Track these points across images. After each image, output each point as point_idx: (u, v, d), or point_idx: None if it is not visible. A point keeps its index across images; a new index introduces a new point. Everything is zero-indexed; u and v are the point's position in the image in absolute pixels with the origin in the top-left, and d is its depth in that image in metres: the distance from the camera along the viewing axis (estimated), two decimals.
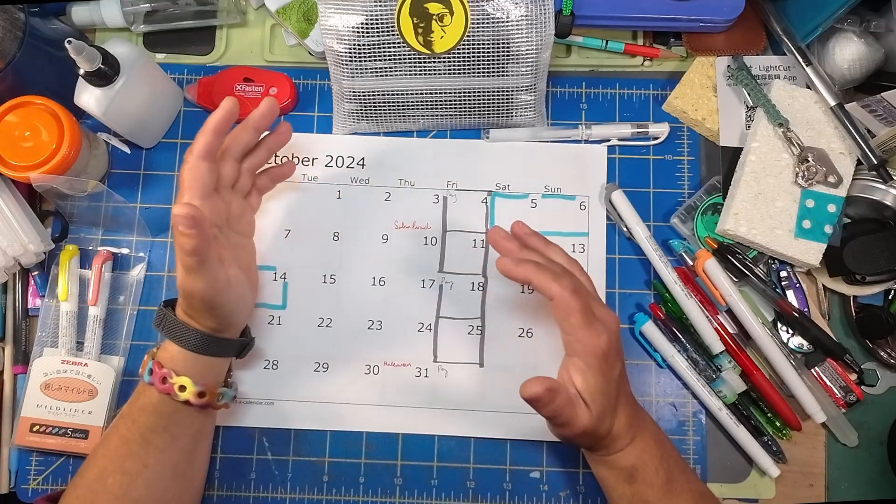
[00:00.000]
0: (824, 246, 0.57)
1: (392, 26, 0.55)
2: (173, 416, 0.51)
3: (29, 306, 0.61)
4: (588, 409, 0.47)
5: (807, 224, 0.57)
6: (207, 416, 0.54)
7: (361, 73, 0.57)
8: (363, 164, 0.63)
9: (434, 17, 0.54)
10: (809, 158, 0.57)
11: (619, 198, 0.60)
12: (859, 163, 0.58)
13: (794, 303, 0.59)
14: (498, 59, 0.56)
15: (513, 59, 0.56)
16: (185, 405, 0.50)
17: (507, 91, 0.59)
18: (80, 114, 0.57)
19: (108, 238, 0.62)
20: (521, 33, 0.55)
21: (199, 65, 0.65)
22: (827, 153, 0.58)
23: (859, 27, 0.58)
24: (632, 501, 0.50)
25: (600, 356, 0.47)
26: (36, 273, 0.61)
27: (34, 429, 0.57)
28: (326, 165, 0.63)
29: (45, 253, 0.61)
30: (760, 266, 0.60)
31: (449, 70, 0.57)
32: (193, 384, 0.50)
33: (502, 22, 0.55)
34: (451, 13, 0.54)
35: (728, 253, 0.59)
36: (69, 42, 0.50)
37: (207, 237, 0.47)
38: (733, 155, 0.60)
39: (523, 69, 0.57)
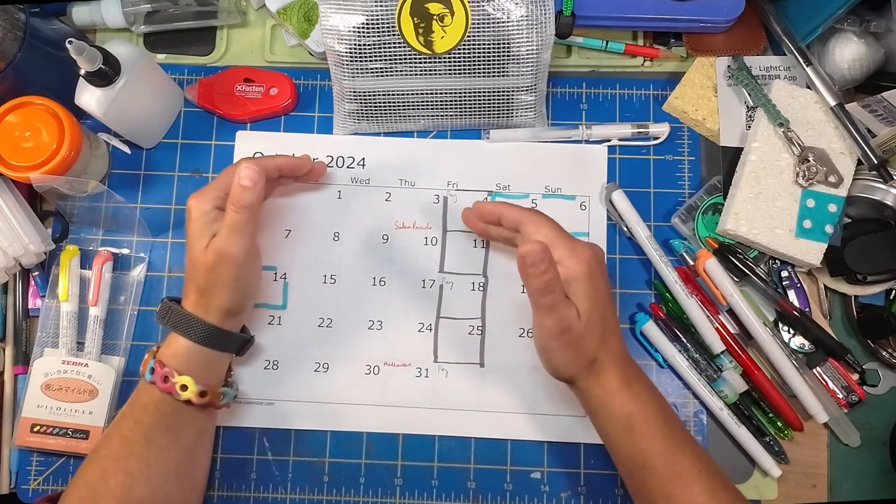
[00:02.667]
0: (825, 246, 0.57)
1: (393, 26, 0.55)
2: (175, 415, 0.51)
3: (29, 307, 0.61)
4: (575, 307, 0.48)
5: (807, 224, 0.57)
6: (209, 415, 0.54)
7: (362, 73, 0.57)
8: (363, 165, 0.63)
9: (435, 17, 0.54)
10: (810, 158, 0.57)
11: (620, 198, 0.60)
12: (860, 163, 0.58)
13: (796, 302, 0.59)
14: (498, 60, 0.56)
15: (513, 59, 0.56)
16: (186, 404, 0.50)
17: (508, 91, 0.59)
18: (80, 114, 0.57)
19: (109, 238, 0.62)
20: (522, 34, 0.55)
21: (199, 65, 0.65)
22: (827, 153, 0.58)
23: (859, 27, 0.58)
24: (633, 458, 0.48)
25: (583, 262, 0.48)
26: (36, 273, 0.61)
27: (35, 429, 0.57)
28: (327, 166, 0.63)
29: (45, 253, 0.60)
30: (761, 266, 0.60)
31: (449, 70, 0.57)
32: (195, 383, 0.50)
33: (503, 22, 0.55)
34: (452, 13, 0.54)
35: (729, 253, 0.59)
36: (70, 42, 0.50)
37: (261, 198, 0.50)
38: (734, 155, 0.60)
39: (524, 69, 0.57)
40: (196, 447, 0.53)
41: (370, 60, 0.56)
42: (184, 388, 0.49)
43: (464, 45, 0.55)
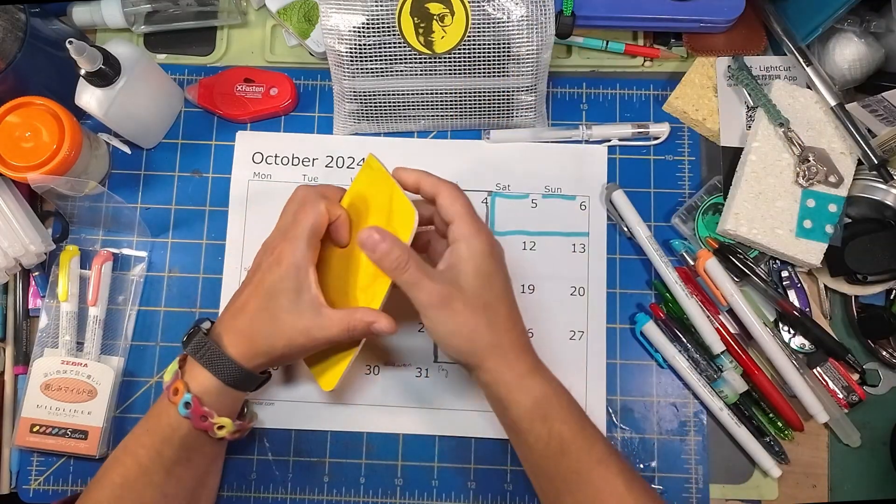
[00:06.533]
0: (825, 246, 0.57)
1: (393, 26, 0.55)
2: (199, 449, 0.50)
3: (29, 307, 0.61)
4: (456, 282, 0.46)
5: (808, 224, 0.57)
6: (225, 442, 0.53)
7: (362, 73, 0.57)
8: None
9: (435, 17, 0.55)
10: (810, 158, 0.57)
11: (620, 198, 0.60)
12: (860, 163, 0.58)
13: (796, 303, 0.59)
14: (498, 60, 0.56)
15: (513, 59, 0.56)
16: (212, 439, 0.50)
17: (508, 91, 0.59)
18: (80, 114, 0.57)
19: (109, 238, 0.62)
20: (522, 34, 0.55)
21: (199, 65, 0.65)
22: (828, 153, 0.58)
23: (859, 27, 0.58)
24: (549, 444, 0.47)
25: (485, 243, 0.47)
26: (36, 274, 0.61)
27: (34, 429, 0.57)
28: (327, 166, 0.62)
29: (45, 253, 0.60)
30: (761, 266, 0.60)
31: (449, 70, 0.57)
32: (232, 423, 0.49)
33: (503, 22, 0.55)
34: (452, 13, 0.54)
35: (729, 253, 0.59)
36: (70, 42, 0.50)
37: None
38: (734, 155, 0.60)
39: (524, 70, 0.57)
40: (209, 473, 0.53)
41: (370, 60, 0.56)
42: (220, 427, 0.49)
43: (464, 45, 0.55)
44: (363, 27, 0.55)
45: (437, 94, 0.59)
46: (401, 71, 0.57)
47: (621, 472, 0.46)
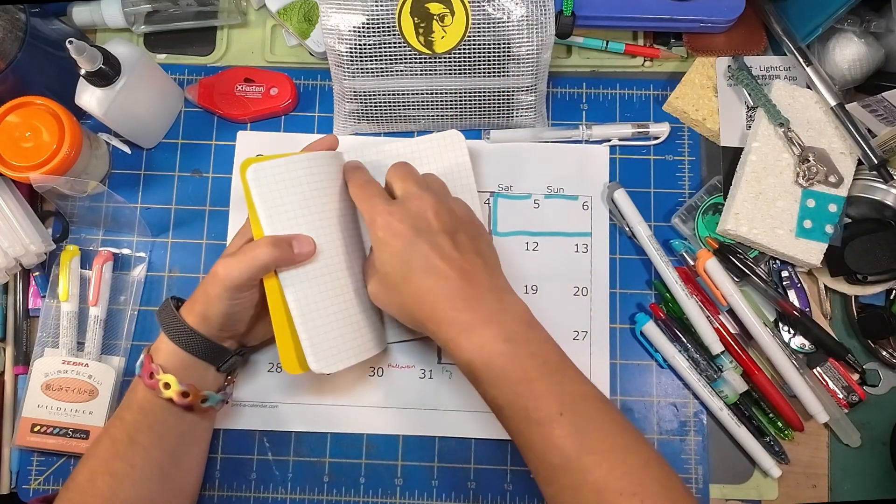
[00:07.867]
0: (825, 246, 0.57)
1: (393, 26, 0.55)
2: (158, 415, 0.50)
3: (30, 307, 0.61)
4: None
5: (808, 224, 0.57)
6: (196, 419, 0.52)
7: (362, 73, 0.57)
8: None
9: (435, 17, 0.55)
10: (810, 158, 0.57)
11: (622, 196, 0.60)
12: (860, 163, 0.58)
13: (796, 303, 0.59)
14: (499, 60, 0.56)
15: (513, 59, 0.56)
16: (169, 404, 0.50)
17: (508, 91, 0.59)
18: (80, 114, 0.57)
19: (109, 238, 0.62)
20: (522, 34, 0.55)
21: (199, 65, 0.65)
22: (828, 153, 0.58)
23: (859, 27, 0.58)
24: (490, 405, 0.47)
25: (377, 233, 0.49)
26: (37, 273, 0.61)
27: (35, 429, 0.57)
28: None
29: (45, 253, 0.60)
30: (761, 266, 0.60)
31: (450, 70, 0.57)
32: (178, 383, 0.49)
33: (503, 22, 0.55)
34: (452, 13, 0.54)
35: (729, 253, 0.59)
36: (70, 42, 0.50)
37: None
38: (734, 155, 0.60)
39: (524, 69, 0.57)
40: (181, 451, 0.52)
41: (370, 60, 0.56)
42: (167, 386, 0.49)
43: (464, 45, 0.55)
44: (363, 27, 0.55)
45: (437, 94, 0.59)
46: (401, 71, 0.57)
47: (569, 434, 0.43)
